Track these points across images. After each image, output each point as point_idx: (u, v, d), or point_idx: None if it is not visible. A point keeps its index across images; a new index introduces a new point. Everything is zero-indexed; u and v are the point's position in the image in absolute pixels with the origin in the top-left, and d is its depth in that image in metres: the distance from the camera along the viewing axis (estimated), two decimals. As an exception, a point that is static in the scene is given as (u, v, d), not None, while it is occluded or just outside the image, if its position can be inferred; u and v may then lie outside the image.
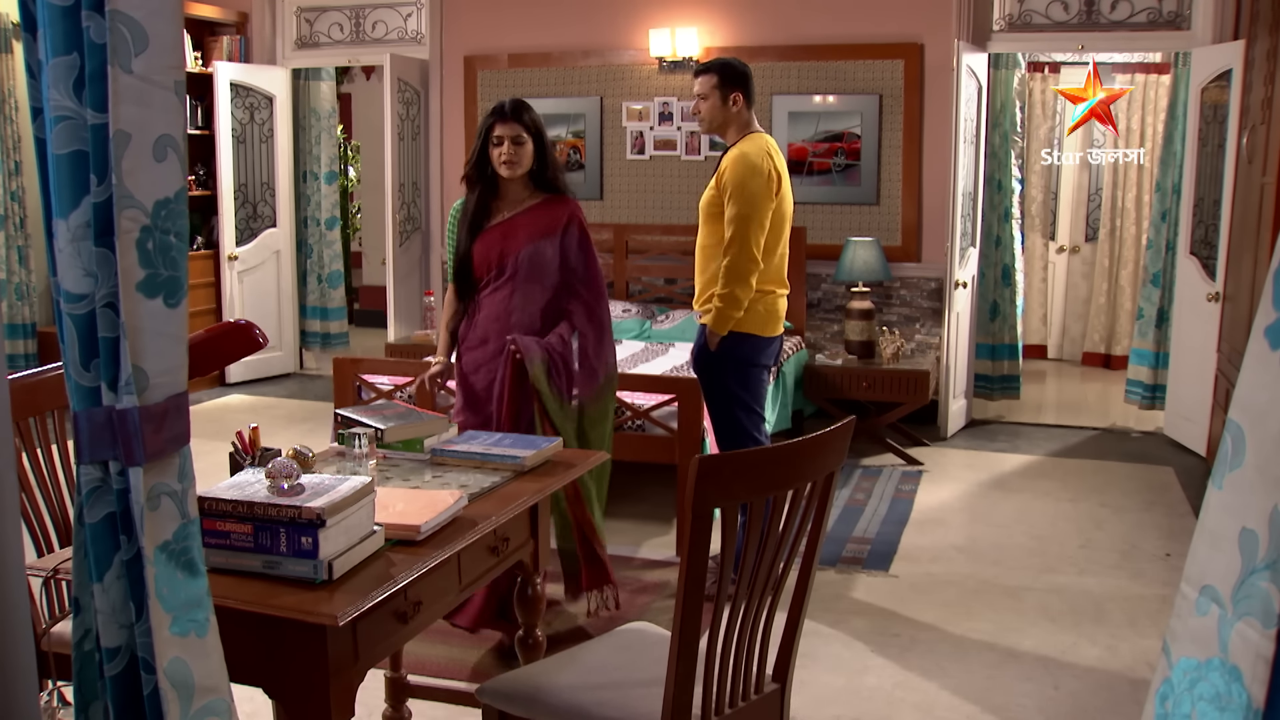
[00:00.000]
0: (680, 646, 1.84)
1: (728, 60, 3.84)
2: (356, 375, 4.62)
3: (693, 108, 3.87)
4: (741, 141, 3.75)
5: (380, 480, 2.35)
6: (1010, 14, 6.20)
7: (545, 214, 3.32)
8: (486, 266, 3.31)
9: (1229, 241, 5.54)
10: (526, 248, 3.28)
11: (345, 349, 8.13)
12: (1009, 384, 6.80)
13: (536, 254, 3.28)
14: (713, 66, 3.79)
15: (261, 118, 7.51)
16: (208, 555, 1.71)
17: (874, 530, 4.61)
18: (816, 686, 3.21)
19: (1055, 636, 3.58)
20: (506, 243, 3.28)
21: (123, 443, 1.44)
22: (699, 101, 3.80)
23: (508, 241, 3.28)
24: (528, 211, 3.32)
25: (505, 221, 3.31)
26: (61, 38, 1.38)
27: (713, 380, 3.81)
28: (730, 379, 3.76)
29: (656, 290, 6.74)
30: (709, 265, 3.78)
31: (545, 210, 3.33)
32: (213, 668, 1.53)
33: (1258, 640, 1.22)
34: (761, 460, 1.89)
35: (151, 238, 1.43)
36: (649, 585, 3.97)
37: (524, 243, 3.28)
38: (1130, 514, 4.85)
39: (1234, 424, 1.28)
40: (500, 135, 3.22)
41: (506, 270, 3.29)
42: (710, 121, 3.81)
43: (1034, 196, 8.36)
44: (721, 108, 3.76)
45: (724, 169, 3.70)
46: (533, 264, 3.29)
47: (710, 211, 3.77)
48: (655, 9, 6.57)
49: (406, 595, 2.00)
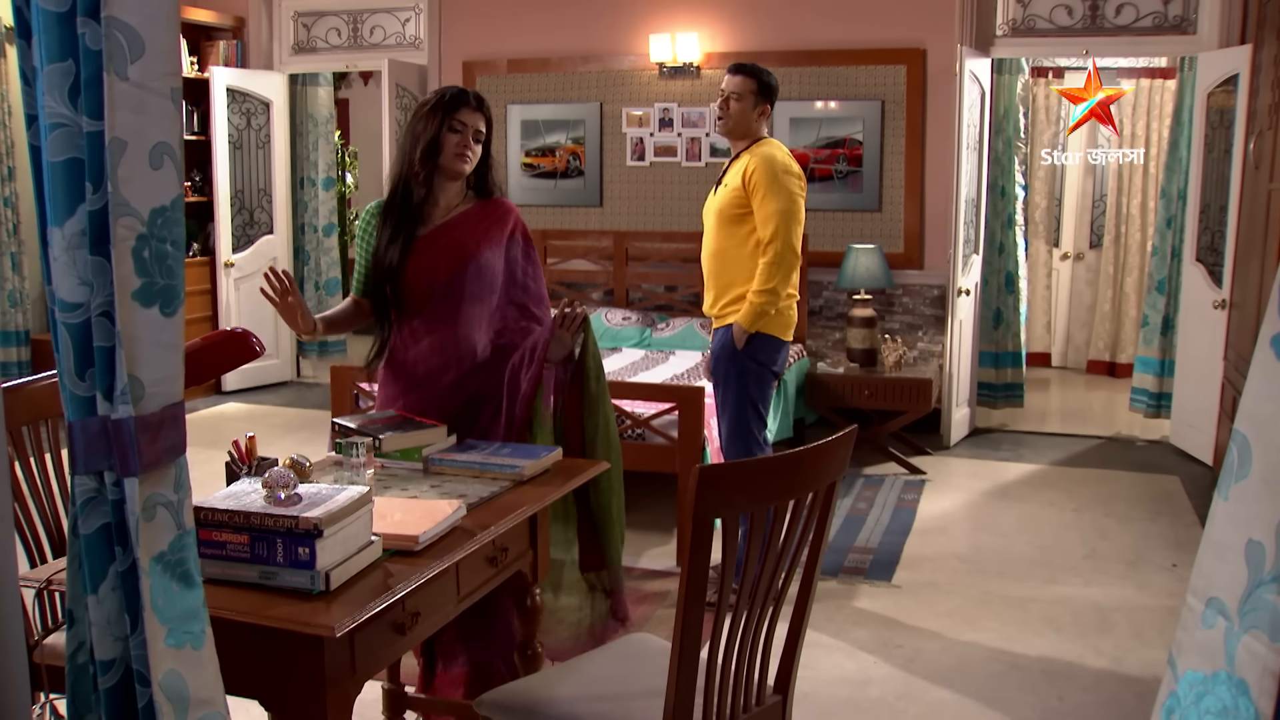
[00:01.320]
0: (681, 657, 1.83)
1: (766, 70, 3.77)
2: (354, 384, 4.61)
3: (720, 103, 3.76)
4: (760, 145, 3.71)
5: (378, 490, 2.34)
6: (1013, 19, 6.19)
7: (485, 220, 2.85)
8: (424, 283, 2.77)
9: (1235, 248, 5.52)
10: (473, 261, 2.79)
11: (342, 357, 8.12)
12: (1012, 392, 6.79)
13: (483, 268, 2.80)
14: (753, 70, 3.73)
15: (258, 123, 7.52)
16: (203, 566, 1.70)
17: (876, 540, 4.59)
18: (819, 698, 3.19)
19: (1060, 648, 3.55)
20: (448, 255, 2.78)
21: (118, 453, 1.43)
22: (730, 99, 3.71)
23: (450, 253, 2.78)
24: (464, 217, 2.83)
25: (440, 228, 2.80)
26: (57, 44, 1.37)
27: (732, 384, 3.75)
28: (750, 382, 3.74)
29: (657, 298, 6.73)
30: (726, 270, 3.74)
31: (484, 216, 2.85)
32: (208, 680, 1.51)
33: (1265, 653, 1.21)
34: (763, 470, 1.87)
35: (148, 246, 1.42)
36: (649, 595, 3.95)
37: (470, 255, 2.79)
38: (1136, 524, 4.83)
39: (1240, 434, 1.27)
40: (464, 123, 2.75)
41: (452, 288, 2.77)
42: (736, 123, 3.73)
43: (1037, 203, 8.35)
44: (750, 112, 3.71)
45: (750, 170, 3.64)
46: (480, 280, 2.80)
47: (730, 214, 3.70)
48: (656, 14, 6.57)
49: (404, 606, 1.98)
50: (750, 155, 3.69)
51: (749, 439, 3.75)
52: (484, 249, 2.81)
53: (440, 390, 2.78)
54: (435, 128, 2.74)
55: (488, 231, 2.84)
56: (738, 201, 3.68)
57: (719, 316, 3.78)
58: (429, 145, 2.74)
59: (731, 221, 3.71)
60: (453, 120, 2.74)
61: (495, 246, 2.84)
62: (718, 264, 3.78)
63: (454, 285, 2.77)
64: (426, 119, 2.76)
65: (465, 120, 2.75)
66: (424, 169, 2.76)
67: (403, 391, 2.83)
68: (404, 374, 2.83)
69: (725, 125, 3.76)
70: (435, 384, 2.79)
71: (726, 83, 3.74)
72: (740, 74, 3.71)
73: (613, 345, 6.13)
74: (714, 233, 3.78)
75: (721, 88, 3.76)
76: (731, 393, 3.75)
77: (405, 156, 2.80)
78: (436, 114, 2.75)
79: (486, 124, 2.80)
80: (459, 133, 2.75)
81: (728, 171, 3.78)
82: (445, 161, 2.76)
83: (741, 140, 3.76)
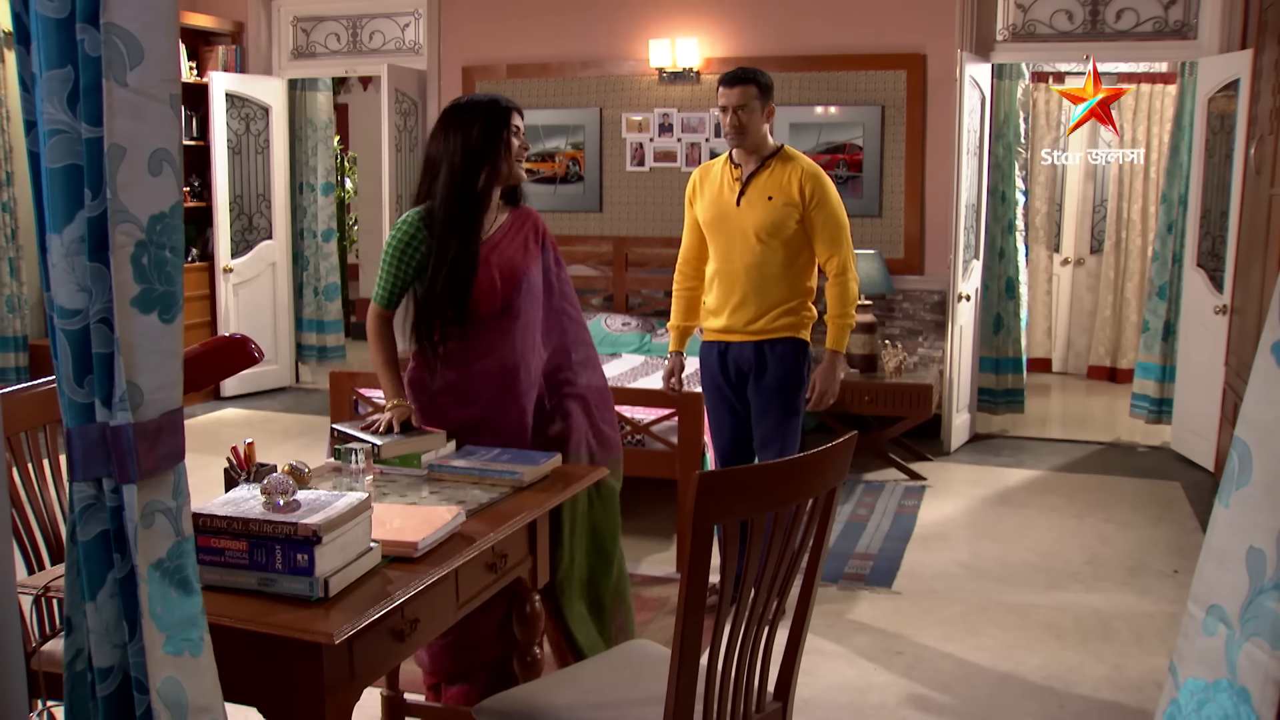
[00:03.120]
0: (680, 664, 1.82)
1: (757, 69, 3.60)
2: (353, 389, 4.61)
3: (728, 120, 3.53)
4: (789, 155, 3.60)
5: (377, 496, 2.34)
6: (1014, 24, 6.20)
7: (521, 233, 2.83)
8: (485, 301, 2.71)
9: (1236, 253, 5.51)
10: (525, 278, 2.77)
11: (342, 363, 8.11)
12: (1013, 398, 6.78)
13: (532, 284, 2.80)
14: (749, 76, 3.55)
15: (257, 128, 7.52)
16: (202, 572, 1.70)
17: (877, 546, 4.59)
18: (819, 705, 3.18)
19: (1061, 655, 3.55)
20: (504, 274, 2.74)
21: (116, 460, 1.43)
22: (736, 113, 3.51)
23: (505, 272, 2.74)
24: (506, 232, 2.80)
25: (490, 245, 2.75)
26: (55, 51, 1.37)
27: (796, 399, 3.66)
28: (801, 392, 3.69)
29: (656, 303, 6.72)
30: (773, 285, 3.58)
31: (519, 228, 2.83)
32: (206, 687, 1.51)
33: (1266, 661, 1.20)
34: (763, 476, 1.87)
35: (146, 252, 1.42)
36: (649, 602, 3.94)
37: (522, 272, 2.77)
38: (1137, 530, 4.82)
39: (1241, 441, 1.27)
40: (518, 126, 2.73)
41: (509, 308, 2.75)
42: (752, 134, 3.54)
43: (1038, 208, 8.34)
44: (760, 120, 3.55)
45: (804, 185, 3.52)
46: (530, 297, 2.80)
47: (779, 230, 3.54)
48: (655, 19, 6.57)
49: (403, 613, 1.98)
50: (788, 167, 3.56)
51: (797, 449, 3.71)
52: (530, 266, 2.81)
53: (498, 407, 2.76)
54: (498, 138, 2.68)
55: (525, 244, 2.82)
56: (790, 217, 3.53)
57: (763, 331, 3.61)
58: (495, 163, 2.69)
59: (776, 235, 3.55)
60: (511, 129, 2.71)
61: (536, 262, 2.84)
62: (758, 279, 3.58)
63: (509, 308, 2.75)
64: (483, 134, 2.67)
65: (518, 124, 2.74)
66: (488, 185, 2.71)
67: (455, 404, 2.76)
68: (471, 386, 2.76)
69: (740, 140, 3.55)
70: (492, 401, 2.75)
71: (725, 96, 3.53)
72: (739, 84, 3.53)
73: (612, 351, 6.13)
74: (752, 247, 3.57)
75: (721, 103, 3.55)
76: (792, 407, 3.65)
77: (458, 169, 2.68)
78: (494, 124, 2.68)
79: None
80: (517, 136, 2.74)
81: (751, 184, 3.58)
82: (510, 169, 2.73)
83: (752, 148, 3.58)
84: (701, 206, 3.71)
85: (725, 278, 3.66)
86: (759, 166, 3.60)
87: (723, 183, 3.66)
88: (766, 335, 3.63)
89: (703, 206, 3.71)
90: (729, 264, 3.64)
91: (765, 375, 3.65)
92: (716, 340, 3.73)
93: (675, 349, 3.88)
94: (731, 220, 3.61)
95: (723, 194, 3.65)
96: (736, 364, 3.69)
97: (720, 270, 3.68)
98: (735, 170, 3.64)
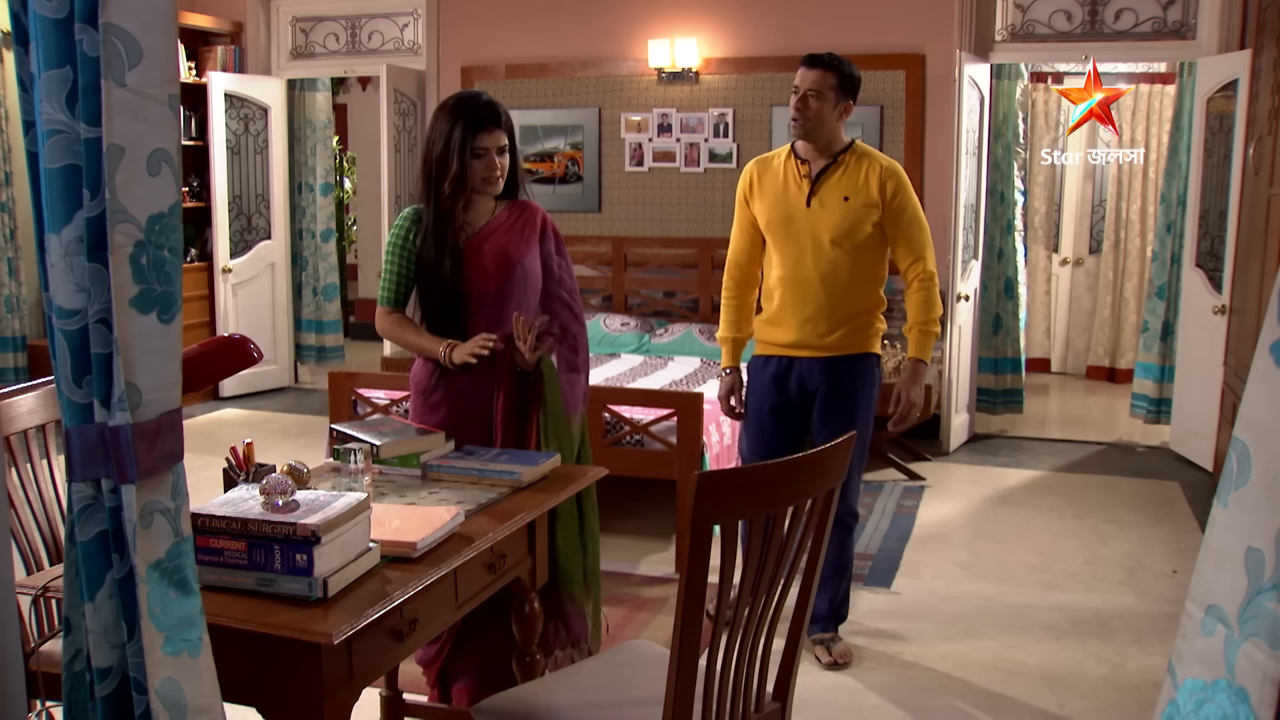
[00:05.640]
0: (679, 665, 1.82)
1: (847, 61, 3.29)
2: (352, 390, 4.61)
3: (796, 101, 3.23)
4: (867, 151, 3.33)
5: (376, 496, 2.34)
6: (1013, 24, 6.20)
7: (519, 223, 2.86)
8: (475, 292, 2.78)
9: (1235, 254, 5.52)
10: (518, 267, 2.81)
11: (341, 363, 8.12)
12: (1012, 398, 6.78)
13: (527, 274, 2.83)
14: (833, 62, 3.24)
15: (256, 129, 7.52)
16: (201, 573, 1.70)
17: (876, 546, 4.59)
18: (818, 705, 3.18)
19: (1060, 655, 3.55)
20: (495, 262, 2.79)
21: (115, 460, 1.42)
22: (809, 97, 3.21)
23: (497, 261, 2.79)
24: (500, 222, 2.84)
25: (483, 235, 2.81)
26: (54, 51, 1.37)
27: (862, 411, 3.36)
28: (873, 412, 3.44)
29: (655, 304, 6.73)
30: (851, 295, 3.30)
31: (517, 219, 2.86)
32: (205, 688, 1.51)
33: (1265, 661, 1.20)
34: (762, 476, 1.87)
35: (145, 253, 1.42)
36: (647, 602, 3.94)
37: (515, 261, 2.81)
38: (1136, 530, 4.82)
39: (1239, 442, 1.27)
40: (485, 147, 2.72)
41: (502, 293, 2.79)
42: (816, 124, 3.23)
43: (1037, 208, 8.35)
44: (832, 112, 3.24)
45: (886, 183, 3.26)
46: (525, 286, 2.83)
47: (859, 232, 3.27)
48: (654, 19, 6.57)
49: (402, 613, 1.98)
50: (864, 163, 3.29)
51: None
52: (525, 254, 2.83)
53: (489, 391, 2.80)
54: (458, 160, 2.70)
55: (523, 235, 2.85)
56: (868, 219, 3.26)
57: (837, 346, 3.32)
58: (456, 178, 2.71)
59: (853, 238, 3.26)
60: (474, 148, 2.70)
61: (533, 250, 2.86)
62: (832, 288, 3.28)
63: (502, 293, 2.79)
64: (446, 145, 2.70)
65: (486, 145, 2.71)
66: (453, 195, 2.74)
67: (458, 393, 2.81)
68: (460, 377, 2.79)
69: (803, 127, 3.24)
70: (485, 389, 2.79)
71: (801, 77, 3.23)
72: (818, 67, 3.22)
73: (611, 351, 6.14)
74: (825, 253, 3.27)
75: (795, 83, 3.25)
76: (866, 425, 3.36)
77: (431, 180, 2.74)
78: (456, 143, 2.69)
79: (509, 134, 2.78)
80: (481, 158, 2.72)
81: (823, 183, 3.28)
82: (475, 187, 2.76)
83: (823, 144, 3.28)
84: (762, 206, 3.36)
85: (794, 286, 3.32)
86: (831, 163, 3.29)
87: (787, 180, 3.33)
88: (841, 351, 3.32)
89: (764, 206, 3.36)
90: (799, 271, 3.31)
91: (839, 395, 3.33)
92: (778, 355, 3.39)
93: (730, 364, 3.51)
94: (800, 223, 3.29)
95: (789, 192, 3.32)
96: (801, 381, 3.36)
97: (787, 278, 3.34)
98: (802, 166, 3.31)
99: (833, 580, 3.45)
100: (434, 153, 2.74)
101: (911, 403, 3.35)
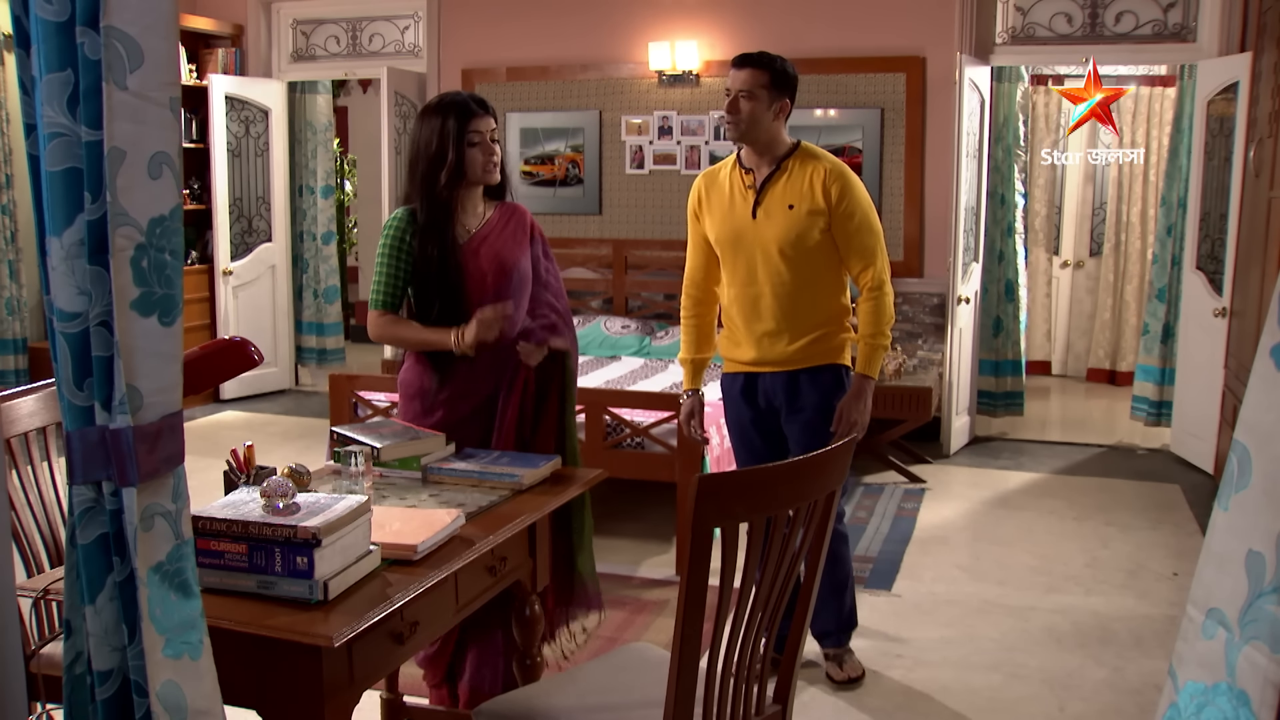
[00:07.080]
0: (680, 667, 1.82)
1: (778, 56, 3.14)
2: (353, 392, 4.61)
3: (728, 104, 3.09)
4: (811, 153, 3.14)
5: (376, 499, 2.34)
6: (1013, 26, 6.20)
7: (510, 225, 2.84)
8: (474, 294, 2.75)
9: (1236, 256, 5.52)
10: (515, 270, 2.80)
11: (341, 365, 8.11)
12: (1013, 400, 6.78)
13: (523, 276, 2.82)
14: (762, 60, 3.09)
15: (257, 131, 7.52)
16: (201, 575, 1.70)
17: (876, 549, 4.59)
18: (818, 708, 3.18)
19: (1061, 657, 3.55)
20: (493, 265, 2.77)
21: (116, 463, 1.43)
22: (739, 99, 3.07)
23: (494, 264, 2.77)
24: (493, 224, 2.83)
25: (478, 238, 2.79)
26: (55, 54, 1.37)
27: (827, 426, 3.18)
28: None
29: (655, 306, 6.73)
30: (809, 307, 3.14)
31: (509, 220, 2.85)
32: (206, 690, 1.51)
33: (1266, 665, 1.20)
34: (762, 479, 1.87)
35: (146, 255, 1.42)
36: (648, 605, 3.94)
37: (512, 263, 2.80)
38: (1137, 532, 4.82)
39: (1240, 445, 1.27)
40: (480, 131, 2.71)
41: (500, 298, 2.74)
42: (748, 126, 3.07)
43: (1037, 211, 8.35)
44: (765, 113, 3.08)
45: (829, 186, 3.07)
46: (522, 289, 2.82)
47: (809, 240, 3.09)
48: (655, 22, 6.58)
49: (403, 616, 1.98)
50: (808, 167, 3.11)
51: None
52: (520, 258, 2.83)
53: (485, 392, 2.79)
54: (456, 149, 2.69)
55: (516, 238, 2.84)
56: (815, 225, 3.08)
57: (798, 360, 3.16)
58: (453, 168, 2.70)
59: (801, 247, 3.09)
60: (469, 135, 2.70)
61: (525, 253, 2.86)
62: (787, 302, 3.13)
63: (500, 298, 2.75)
64: (440, 138, 2.69)
65: (480, 129, 2.71)
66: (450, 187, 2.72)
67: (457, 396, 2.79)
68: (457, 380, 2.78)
69: (735, 130, 3.09)
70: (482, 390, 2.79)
71: (731, 78, 3.09)
72: (747, 66, 3.08)
73: (611, 354, 6.14)
74: (776, 266, 3.11)
75: (727, 86, 3.11)
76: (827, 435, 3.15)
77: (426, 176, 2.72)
78: (451, 133, 2.68)
79: (496, 124, 2.78)
80: (477, 145, 2.72)
81: (767, 192, 3.12)
82: (475, 176, 2.74)
83: (762, 147, 3.13)
84: (711, 222, 3.22)
85: (747, 303, 3.18)
86: (774, 170, 3.13)
87: (733, 192, 3.18)
88: (802, 364, 3.16)
89: (712, 222, 3.21)
90: (751, 287, 3.16)
91: (804, 408, 3.18)
92: (744, 371, 3.25)
93: (691, 386, 3.34)
94: (749, 236, 3.13)
95: (735, 206, 3.16)
96: (767, 397, 3.23)
97: (741, 295, 3.19)
98: (746, 176, 3.16)
99: (834, 598, 3.36)
100: (428, 149, 2.72)
101: (851, 421, 3.14)
